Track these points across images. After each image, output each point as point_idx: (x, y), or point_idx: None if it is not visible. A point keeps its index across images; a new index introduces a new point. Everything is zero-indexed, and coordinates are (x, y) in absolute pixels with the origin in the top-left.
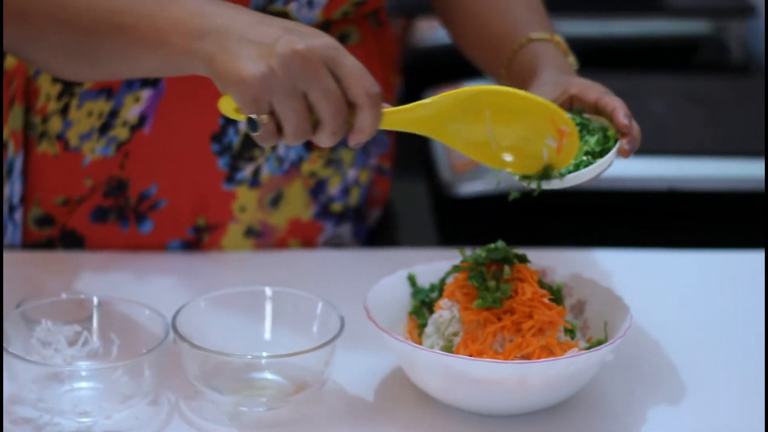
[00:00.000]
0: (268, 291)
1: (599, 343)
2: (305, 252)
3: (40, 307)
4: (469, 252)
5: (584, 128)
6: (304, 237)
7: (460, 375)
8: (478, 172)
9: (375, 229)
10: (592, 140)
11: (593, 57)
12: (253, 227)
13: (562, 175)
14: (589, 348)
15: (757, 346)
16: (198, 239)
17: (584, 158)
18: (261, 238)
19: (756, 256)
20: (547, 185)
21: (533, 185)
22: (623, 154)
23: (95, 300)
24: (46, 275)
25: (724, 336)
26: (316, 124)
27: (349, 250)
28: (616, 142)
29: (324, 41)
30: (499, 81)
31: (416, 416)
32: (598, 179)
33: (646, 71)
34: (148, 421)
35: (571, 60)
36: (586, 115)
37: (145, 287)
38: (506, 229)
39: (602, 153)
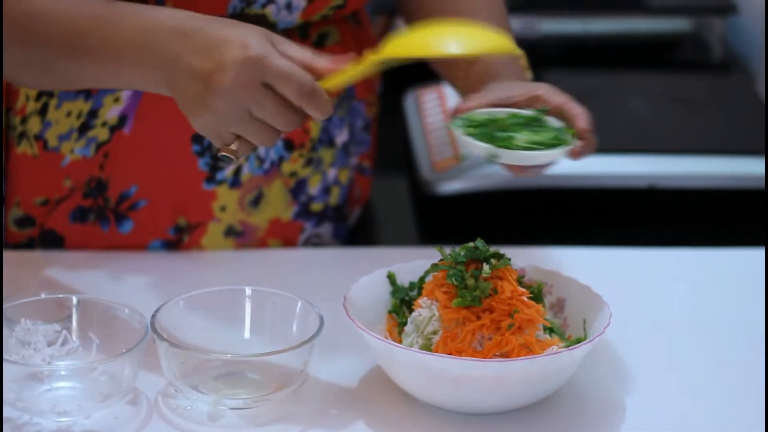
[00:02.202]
0: (248, 290)
1: (579, 340)
2: (285, 251)
3: (20, 306)
4: (448, 250)
5: (541, 124)
6: (284, 237)
7: (440, 373)
8: (458, 171)
9: (355, 227)
10: (547, 134)
11: (573, 55)
12: (233, 227)
13: (512, 148)
14: (568, 346)
15: (741, 341)
16: (178, 239)
17: (534, 146)
18: (241, 237)
19: (753, 254)
20: (500, 155)
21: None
22: (575, 154)
23: (75, 299)
24: (25, 275)
25: (706, 333)
26: None
27: (328, 249)
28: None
29: (246, 58)
30: (456, 84)
31: (396, 415)
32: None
33: (626, 69)
34: (128, 420)
35: (528, 75)
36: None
37: (124, 287)
38: (486, 227)
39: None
